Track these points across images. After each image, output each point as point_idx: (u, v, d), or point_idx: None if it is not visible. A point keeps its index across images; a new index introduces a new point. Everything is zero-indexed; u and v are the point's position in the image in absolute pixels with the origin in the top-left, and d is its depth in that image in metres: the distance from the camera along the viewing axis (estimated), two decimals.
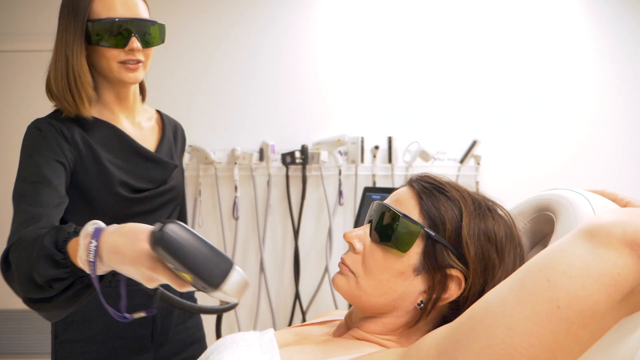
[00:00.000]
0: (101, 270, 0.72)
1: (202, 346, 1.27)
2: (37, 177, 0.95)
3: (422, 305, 0.70)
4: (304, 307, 2.51)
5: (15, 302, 2.64)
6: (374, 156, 2.52)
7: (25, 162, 0.98)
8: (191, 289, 0.67)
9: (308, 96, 2.57)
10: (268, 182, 2.54)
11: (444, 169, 2.52)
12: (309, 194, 2.55)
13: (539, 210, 0.78)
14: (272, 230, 2.57)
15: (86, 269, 0.72)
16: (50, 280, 0.75)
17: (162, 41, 1.08)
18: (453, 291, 0.69)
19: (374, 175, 2.53)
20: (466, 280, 0.68)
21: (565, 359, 0.48)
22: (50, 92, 1.05)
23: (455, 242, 0.69)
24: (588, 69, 2.61)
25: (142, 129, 1.16)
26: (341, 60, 2.57)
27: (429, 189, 0.73)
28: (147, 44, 1.04)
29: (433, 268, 0.69)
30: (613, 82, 2.63)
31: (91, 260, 0.69)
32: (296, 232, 2.51)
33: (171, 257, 0.59)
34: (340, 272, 0.75)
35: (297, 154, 2.48)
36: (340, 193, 2.51)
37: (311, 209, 2.57)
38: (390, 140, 2.51)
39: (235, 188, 2.50)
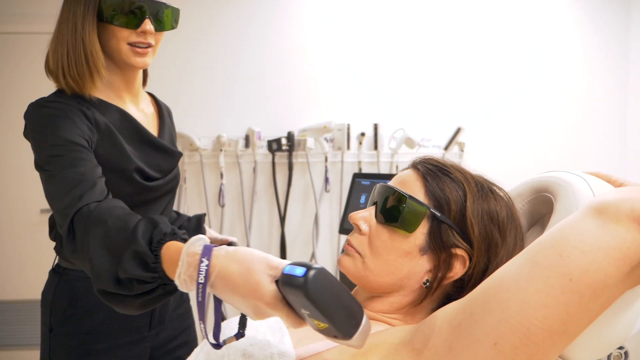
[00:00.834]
0: (191, 289, 0.65)
1: (192, 332, 1.27)
2: (70, 150, 0.87)
3: (427, 284, 0.72)
4: None
5: (1, 293, 2.57)
6: (360, 143, 2.54)
7: (48, 140, 0.89)
8: (302, 326, 0.61)
9: (294, 83, 2.56)
10: (254, 169, 2.53)
11: None
12: (295, 181, 2.55)
13: (537, 192, 0.80)
14: (258, 217, 2.57)
15: (185, 287, 0.65)
16: (133, 278, 0.69)
17: (175, 26, 1.04)
18: (458, 270, 0.71)
19: (360, 162, 2.55)
20: (470, 259, 0.70)
21: (575, 329, 0.50)
22: (49, 68, 0.99)
23: (460, 222, 0.71)
24: (572, 57, 2.67)
25: (146, 116, 1.12)
26: (328, 47, 2.56)
27: (433, 171, 0.75)
28: (159, 27, 1.00)
29: (438, 248, 0.71)
30: (597, 70, 2.70)
31: (201, 282, 0.61)
32: (282, 219, 2.52)
33: (313, 306, 0.54)
34: (346, 253, 0.76)
35: (284, 141, 2.48)
36: (326, 180, 2.53)
37: (297, 195, 2.58)
38: (376, 127, 2.53)
39: (221, 175, 2.49)
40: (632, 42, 2.70)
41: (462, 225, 0.71)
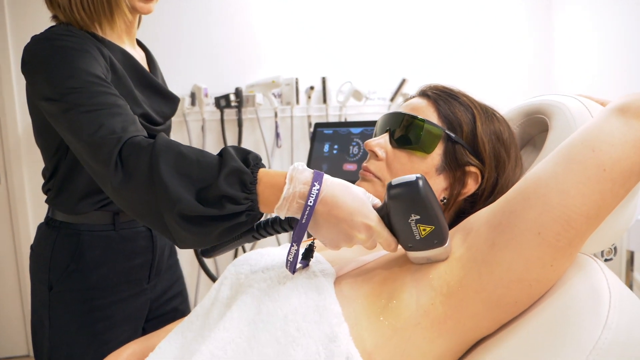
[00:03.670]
0: (285, 213, 0.65)
1: (183, 282, 1.27)
2: (94, 84, 0.81)
3: (445, 200, 0.77)
4: (247, 249, 2.55)
5: None
6: (309, 97, 2.55)
7: (66, 71, 0.82)
8: (395, 249, 0.65)
9: (240, 37, 2.50)
10: (202, 127, 2.47)
11: (375, 108, 2.62)
12: (246, 137, 2.53)
13: (528, 115, 0.88)
14: None
15: (284, 210, 0.64)
16: (225, 197, 0.64)
17: None
18: (471, 186, 0.77)
19: (309, 116, 2.57)
20: (482, 175, 0.77)
21: (606, 213, 0.58)
22: (57, 1, 0.92)
23: (472, 142, 0.77)
24: (516, 11, 2.82)
25: (142, 59, 1.08)
26: (274, 1, 2.52)
27: (443, 97, 0.80)
28: None
29: (454, 166, 0.76)
30: (541, 24, 2.87)
31: (310, 204, 0.62)
32: None
33: (424, 206, 0.59)
34: (363, 179, 0.79)
35: (232, 97, 2.43)
36: (277, 135, 2.53)
37: None
38: (324, 80, 2.55)
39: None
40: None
41: (474, 145, 0.77)
